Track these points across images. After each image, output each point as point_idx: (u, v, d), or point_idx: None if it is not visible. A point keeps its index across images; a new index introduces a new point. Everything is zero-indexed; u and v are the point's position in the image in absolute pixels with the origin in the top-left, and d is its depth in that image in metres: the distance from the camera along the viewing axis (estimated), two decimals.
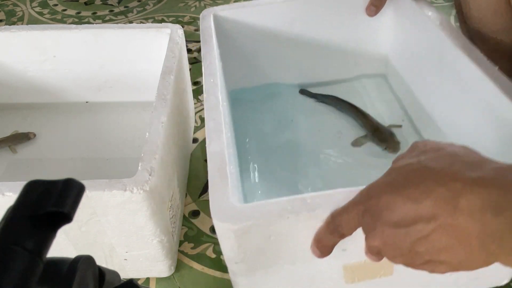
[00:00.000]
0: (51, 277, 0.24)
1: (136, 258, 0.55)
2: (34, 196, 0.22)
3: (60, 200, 0.22)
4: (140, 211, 0.47)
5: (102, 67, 0.77)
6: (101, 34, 0.72)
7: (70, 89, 0.80)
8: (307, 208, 0.37)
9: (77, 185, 0.23)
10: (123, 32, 0.72)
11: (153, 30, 0.71)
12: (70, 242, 0.52)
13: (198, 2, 1.32)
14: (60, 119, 0.80)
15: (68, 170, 0.72)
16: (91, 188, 0.45)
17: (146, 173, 0.46)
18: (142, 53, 0.74)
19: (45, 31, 0.72)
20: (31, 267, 0.21)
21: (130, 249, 0.53)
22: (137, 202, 0.46)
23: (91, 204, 0.46)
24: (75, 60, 0.76)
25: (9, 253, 0.20)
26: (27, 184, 0.23)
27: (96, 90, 0.80)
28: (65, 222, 0.22)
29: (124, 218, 0.48)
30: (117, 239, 0.52)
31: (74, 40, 0.73)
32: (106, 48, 0.74)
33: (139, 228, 0.50)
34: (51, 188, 0.23)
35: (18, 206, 0.22)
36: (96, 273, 0.28)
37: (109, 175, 0.64)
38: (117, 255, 0.54)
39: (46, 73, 0.77)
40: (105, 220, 0.48)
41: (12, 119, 0.80)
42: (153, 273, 0.59)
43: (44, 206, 0.22)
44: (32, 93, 0.80)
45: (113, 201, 0.46)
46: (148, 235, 0.51)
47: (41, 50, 0.74)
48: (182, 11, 1.28)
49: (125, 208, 0.46)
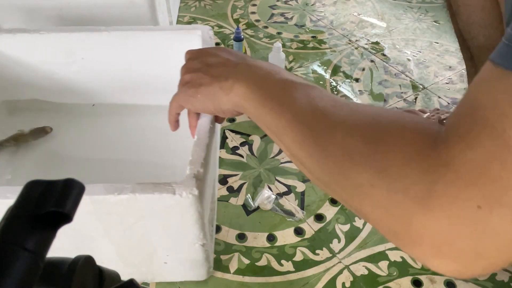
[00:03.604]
0: (51, 277, 0.24)
1: (176, 261, 0.55)
2: (34, 196, 0.22)
3: (60, 200, 0.22)
4: (187, 214, 0.47)
5: (129, 69, 0.77)
6: (130, 36, 0.72)
7: (95, 90, 0.80)
8: None
9: (77, 185, 0.23)
10: (152, 34, 0.72)
11: (183, 32, 0.71)
12: (112, 245, 0.52)
13: (198, 2, 1.32)
14: (83, 120, 0.81)
15: (90, 171, 0.73)
16: (140, 191, 0.45)
17: (195, 177, 0.46)
18: (171, 55, 0.74)
19: (74, 33, 0.72)
20: (31, 267, 0.21)
21: (171, 253, 0.54)
22: (185, 206, 0.46)
23: (139, 207, 0.46)
24: (103, 62, 0.76)
25: (9, 253, 0.20)
26: (27, 184, 0.23)
27: (122, 92, 0.80)
28: (65, 222, 0.22)
29: (170, 221, 0.48)
30: (160, 242, 0.52)
31: (103, 42, 0.73)
32: (135, 50, 0.74)
33: (183, 232, 0.50)
34: (51, 188, 0.23)
35: (18, 206, 0.22)
36: (96, 273, 0.28)
37: (133, 177, 0.65)
38: (157, 259, 0.54)
39: (73, 75, 0.77)
40: (151, 223, 0.49)
41: (37, 118, 0.81)
42: (190, 276, 0.59)
43: (44, 206, 0.22)
44: (57, 94, 0.80)
45: (161, 204, 0.46)
46: (191, 239, 0.51)
47: (69, 52, 0.74)
48: (182, 11, 1.28)
49: (172, 211, 0.47)
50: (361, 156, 0.30)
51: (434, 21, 1.26)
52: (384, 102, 0.97)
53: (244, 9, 1.31)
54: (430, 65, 1.09)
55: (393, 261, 0.67)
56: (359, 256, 0.68)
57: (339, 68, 1.08)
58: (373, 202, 0.28)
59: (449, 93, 1.00)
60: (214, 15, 1.27)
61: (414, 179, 0.27)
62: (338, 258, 0.68)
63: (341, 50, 1.14)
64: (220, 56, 0.47)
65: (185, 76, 0.49)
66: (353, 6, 1.34)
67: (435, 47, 1.16)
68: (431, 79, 1.04)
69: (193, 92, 0.47)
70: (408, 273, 0.65)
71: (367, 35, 1.20)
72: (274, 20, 1.26)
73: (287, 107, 0.37)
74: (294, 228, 0.72)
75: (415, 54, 1.13)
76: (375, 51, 1.14)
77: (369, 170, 0.29)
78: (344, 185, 0.31)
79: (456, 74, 1.06)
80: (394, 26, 1.24)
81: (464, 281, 0.64)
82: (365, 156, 0.29)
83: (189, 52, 0.52)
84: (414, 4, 1.35)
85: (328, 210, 0.75)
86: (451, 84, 1.03)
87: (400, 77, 1.05)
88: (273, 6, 1.33)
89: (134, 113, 0.82)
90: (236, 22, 1.24)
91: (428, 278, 0.65)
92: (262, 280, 0.65)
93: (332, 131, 0.33)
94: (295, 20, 1.27)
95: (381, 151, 0.29)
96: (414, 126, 0.30)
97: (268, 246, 0.70)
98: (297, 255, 0.68)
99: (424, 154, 0.27)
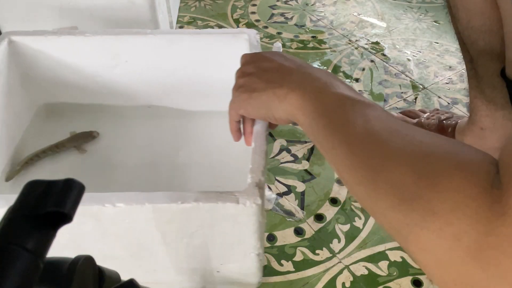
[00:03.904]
0: (51, 277, 0.24)
1: (230, 270, 0.55)
2: (34, 196, 0.22)
3: (60, 200, 0.22)
4: (248, 224, 0.47)
5: (172, 73, 0.76)
6: (176, 39, 0.72)
7: (137, 93, 0.80)
8: None
9: (77, 185, 0.23)
10: (198, 38, 0.72)
11: (230, 36, 0.71)
12: (167, 253, 0.51)
13: (198, 2, 1.32)
14: (125, 122, 0.80)
15: (131, 175, 0.72)
16: (204, 200, 0.45)
17: (257, 186, 0.46)
18: (217, 59, 0.74)
19: (119, 36, 0.72)
20: (31, 267, 0.21)
21: (225, 261, 0.53)
22: (248, 215, 0.46)
23: (201, 216, 0.46)
24: (146, 65, 0.76)
25: (9, 253, 0.20)
26: (27, 184, 0.23)
27: (164, 96, 0.80)
28: (65, 222, 0.22)
29: (230, 230, 0.48)
30: (217, 251, 0.51)
31: (148, 46, 0.73)
32: (179, 53, 0.74)
33: (241, 241, 0.50)
34: (51, 188, 0.23)
35: (18, 206, 0.22)
36: (96, 273, 0.28)
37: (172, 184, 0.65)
38: (210, 267, 0.54)
39: (116, 77, 0.77)
40: (209, 232, 0.48)
41: (79, 120, 0.80)
42: (241, 285, 0.59)
43: (44, 206, 0.22)
44: (100, 96, 0.80)
45: (224, 213, 0.45)
46: (248, 248, 0.51)
47: (113, 55, 0.74)
48: (182, 11, 1.28)
49: (234, 221, 0.46)
50: (411, 194, 0.28)
51: (434, 21, 1.26)
52: (384, 102, 0.97)
53: (244, 9, 1.31)
54: (430, 65, 1.09)
55: (393, 261, 0.67)
56: (359, 256, 0.68)
57: (339, 68, 1.08)
58: (420, 244, 0.27)
59: (449, 93, 1.00)
60: (214, 15, 1.27)
61: (466, 227, 0.25)
62: (338, 258, 0.68)
63: (341, 50, 1.14)
64: (275, 61, 0.46)
65: (239, 80, 0.48)
66: (353, 6, 1.34)
67: (435, 47, 1.16)
68: (431, 79, 1.04)
69: (246, 97, 0.46)
70: (408, 273, 0.65)
71: (367, 35, 1.20)
72: (274, 20, 1.26)
73: (340, 127, 0.35)
74: (294, 228, 0.72)
75: (415, 54, 1.13)
76: (375, 51, 1.14)
77: (418, 210, 0.27)
78: (390, 221, 0.29)
79: (456, 74, 1.06)
80: (394, 26, 1.24)
81: None
82: (415, 195, 0.27)
83: (245, 56, 0.51)
84: (414, 4, 1.35)
85: (328, 210, 0.75)
86: (451, 84, 1.03)
87: (400, 77, 1.05)
88: (273, 6, 1.33)
89: (175, 117, 0.81)
90: (236, 22, 1.24)
91: (428, 278, 0.65)
92: (262, 280, 0.64)
93: (383, 162, 0.31)
94: (295, 20, 1.27)
95: (433, 191, 0.27)
96: (470, 164, 0.27)
97: (268, 246, 0.70)
98: (297, 255, 0.68)
99: (478, 200, 0.25)
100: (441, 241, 0.26)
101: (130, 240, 0.50)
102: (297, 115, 0.40)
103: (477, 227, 0.25)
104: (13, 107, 0.73)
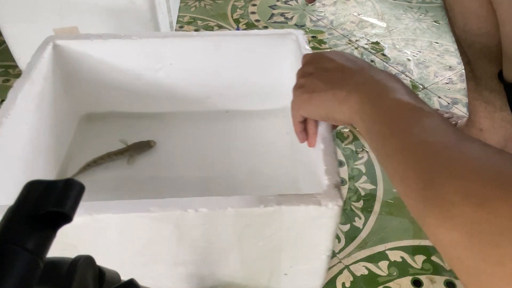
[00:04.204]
0: (51, 277, 0.24)
1: (298, 272, 0.54)
2: (34, 196, 0.22)
3: (60, 200, 0.22)
4: (326, 226, 0.47)
5: (218, 74, 0.76)
6: (222, 41, 0.72)
7: (182, 97, 0.79)
8: None
9: (77, 185, 0.23)
10: (245, 39, 0.72)
11: (277, 37, 0.71)
12: (240, 257, 0.51)
13: (198, 2, 1.32)
14: (176, 128, 0.80)
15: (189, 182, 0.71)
16: (286, 203, 0.44)
17: (336, 187, 0.46)
18: (263, 60, 0.74)
19: (165, 39, 0.72)
20: (31, 267, 0.21)
21: (295, 264, 0.53)
22: (329, 217, 0.46)
23: (281, 219, 0.46)
24: (192, 67, 0.75)
25: (9, 253, 0.20)
26: (27, 184, 0.23)
27: (209, 98, 0.80)
28: (65, 222, 0.22)
29: (307, 232, 0.48)
30: (290, 253, 0.51)
31: (194, 48, 0.73)
32: (226, 55, 0.73)
33: (317, 243, 0.49)
34: (51, 188, 0.23)
35: (18, 206, 0.22)
36: (96, 273, 0.28)
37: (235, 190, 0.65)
38: (279, 270, 0.54)
39: (159, 81, 0.76)
40: (287, 235, 0.48)
41: (122, 126, 0.80)
42: (306, 286, 0.59)
43: (44, 206, 0.22)
44: (141, 102, 0.80)
45: (305, 216, 0.45)
46: (321, 249, 0.50)
47: (158, 58, 0.73)
48: (182, 11, 1.28)
49: (313, 223, 0.46)
50: (459, 213, 0.26)
51: (434, 21, 1.27)
52: None
53: (244, 9, 1.31)
54: (430, 65, 1.09)
55: (393, 261, 0.67)
56: (359, 256, 0.68)
57: None
58: (464, 267, 0.26)
59: (449, 93, 1.00)
60: (214, 15, 1.27)
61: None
62: (338, 258, 0.68)
63: (341, 50, 1.14)
64: (336, 62, 0.46)
65: (300, 80, 0.48)
66: (353, 6, 1.34)
67: (435, 47, 1.16)
68: (431, 79, 1.05)
69: (306, 98, 0.46)
70: (408, 273, 0.65)
71: (367, 35, 1.20)
72: (274, 20, 1.26)
73: (395, 136, 0.35)
74: None
75: (415, 54, 1.13)
76: (375, 51, 1.14)
77: (462, 229, 0.26)
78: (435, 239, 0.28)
79: (456, 74, 1.06)
80: (394, 26, 1.24)
81: None
82: (463, 215, 0.26)
83: (306, 56, 0.51)
84: (414, 4, 1.35)
85: None
86: (451, 84, 1.03)
87: (400, 77, 1.05)
88: (273, 6, 1.33)
89: (224, 119, 0.81)
90: (236, 22, 1.24)
91: (428, 278, 0.65)
92: None
93: (433, 177, 0.29)
94: (295, 20, 1.27)
95: (483, 211, 0.25)
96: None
97: None
98: None
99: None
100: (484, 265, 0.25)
101: (204, 245, 0.49)
102: (355, 119, 0.40)
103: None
104: (58, 114, 0.72)
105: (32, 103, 0.63)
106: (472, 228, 0.26)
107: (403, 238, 0.70)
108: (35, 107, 0.64)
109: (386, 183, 0.78)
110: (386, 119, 0.37)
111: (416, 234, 0.70)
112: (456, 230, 0.26)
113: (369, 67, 0.44)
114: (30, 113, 0.63)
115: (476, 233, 0.25)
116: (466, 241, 0.26)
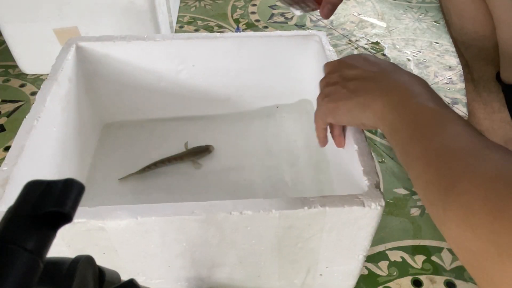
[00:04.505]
0: (51, 277, 0.24)
1: (333, 273, 0.54)
2: (34, 196, 0.22)
3: (60, 200, 0.22)
4: (368, 226, 0.47)
5: (239, 76, 0.76)
6: (245, 42, 0.72)
7: (203, 98, 0.79)
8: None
9: (77, 185, 0.23)
10: (268, 41, 0.72)
11: (300, 38, 0.71)
12: (277, 259, 0.51)
13: (198, 2, 1.32)
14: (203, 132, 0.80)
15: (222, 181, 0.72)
16: (330, 204, 0.44)
17: (376, 187, 0.46)
18: (287, 61, 0.74)
19: (188, 40, 0.71)
20: (31, 267, 0.21)
21: (331, 265, 0.53)
22: (371, 218, 0.46)
23: (324, 220, 0.46)
24: (215, 69, 0.75)
25: (9, 253, 0.20)
26: (27, 184, 0.23)
27: (229, 99, 0.80)
28: (65, 222, 0.22)
29: (347, 233, 0.48)
30: (327, 254, 0.51)
31: (217, 49, 0.73)
32: (248, 56, 0.73)
33: (354, 244, 0.49)
34: (51, 188, 0.23)
35: (18, 206, 0.22)
36: (96, 273, 0.28)
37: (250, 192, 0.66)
38: (315, 271, 0.54)
39: (181, 83, 0.76)
40: (327, 236, 0.48)
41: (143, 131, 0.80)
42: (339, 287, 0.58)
43: (44, 206, 0.22)
44: (162, 103, 0.79)
45: (347, 217, 0.45)
46: (359, 250, 0.50)
47: (180, 59, 0.73)
48: (182, 11, 1.28)
49: (355, 223, 0.46)
50: (479, 222, 0.26)
51: (434, 21, 1.27)
52: None
53: (244, 9, 1.31)
54: (430, 65, 1.09)
55: (393, 261, 0.67)
56: None
57: None
58: (487, 276, 0.26)
59: (449, 93, 1.00)
60: (214, 15, 1.27)
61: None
62: None
63: (341, 50, 1.14)
64: (359, 68, 0.46)
65: (325, 90, 0.49)
66: (353, 6, 1.34)
67: (435, 47, 1.16)
68: (431, 79, 1.04)
69: (333, 107, 0.46)
70: (408, 273, 0.65)
71: (367, 35, 1.20)
72: (274, 20, 1.26)
73: (418, 141, 0.35)
74: None
75: (415, 54, 1.13)
76: (375, 51, 1.14)
77: (481, 238, 0.26)
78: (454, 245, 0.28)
79: (456, 74, 1.06)
80: (394, 26, 1.24)
81: (464, 281, 0.64)
82: (482, 223, 0.26)
83: (328, 64, 0.52)
84: (414, 4, 1.35)
85: None
86: (451, 84, 1.03)
87: None
88: (273, 6, 1.33)
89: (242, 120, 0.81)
90: (236, 22, 1.24)
91: (428, 278, 0.65)
92: None
93: (454, 183, 0.29)
94: (295, 20, 1.27)
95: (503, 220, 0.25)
96: None
97: None
98: None
99: None
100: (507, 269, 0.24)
101: (244, 247, 0.49)
102: (379, 124, 0.41)
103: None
104: (82, 116, 0.71)
105: (59, 105, 0.62)
106: (490, 238, 0.25)
107: (403, 238, 0.70)
108: (61, 110, 0.63)
109: (386, 183, 0.78)
110: (409, 126, 0.37)
111: (416, 234, 0.70)
112: (476, 239, 0.26)
113: (392, 69, 0.45)
114: (57, 116, 0.62)
115: (496, 243, 0.25)
116: (485, 250, 0.26)
